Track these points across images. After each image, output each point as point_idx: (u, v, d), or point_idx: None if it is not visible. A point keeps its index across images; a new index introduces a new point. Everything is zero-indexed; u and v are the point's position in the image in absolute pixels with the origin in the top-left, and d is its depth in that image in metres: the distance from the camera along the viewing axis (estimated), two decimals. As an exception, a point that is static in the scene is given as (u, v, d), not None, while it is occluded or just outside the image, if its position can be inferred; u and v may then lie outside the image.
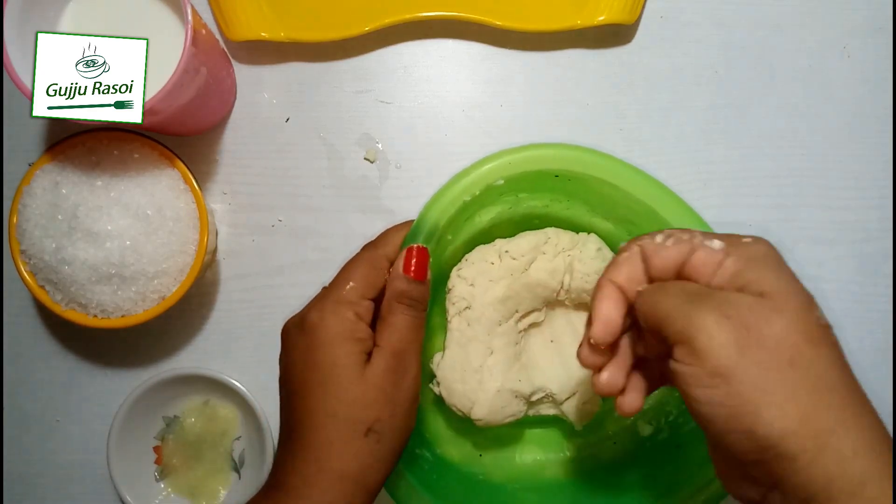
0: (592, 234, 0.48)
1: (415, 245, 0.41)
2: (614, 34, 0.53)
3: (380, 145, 0.52)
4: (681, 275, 0.33)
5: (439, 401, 0.48)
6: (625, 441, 0.50)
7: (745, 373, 0.29)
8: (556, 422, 0.51)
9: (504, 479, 0.49)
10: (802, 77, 0.53)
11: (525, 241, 0.48)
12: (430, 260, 0.42)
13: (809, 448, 0.28)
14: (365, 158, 0.52)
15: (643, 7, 0.51)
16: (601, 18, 0.49)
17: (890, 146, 0.53)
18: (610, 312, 0.34)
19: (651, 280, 0.34)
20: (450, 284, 0.47)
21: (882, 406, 0.53)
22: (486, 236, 0.49)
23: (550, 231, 0.48)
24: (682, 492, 0.45)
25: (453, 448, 0.49)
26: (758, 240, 0.33)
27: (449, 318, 0.47)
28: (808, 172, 0.53)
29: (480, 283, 0.47)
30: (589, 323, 0.35)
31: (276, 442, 0.51)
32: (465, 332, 0.47)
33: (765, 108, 0.53)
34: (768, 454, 0.29)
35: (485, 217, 0.47)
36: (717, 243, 0.32)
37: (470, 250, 0.48)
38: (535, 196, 0.47)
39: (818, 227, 0.53)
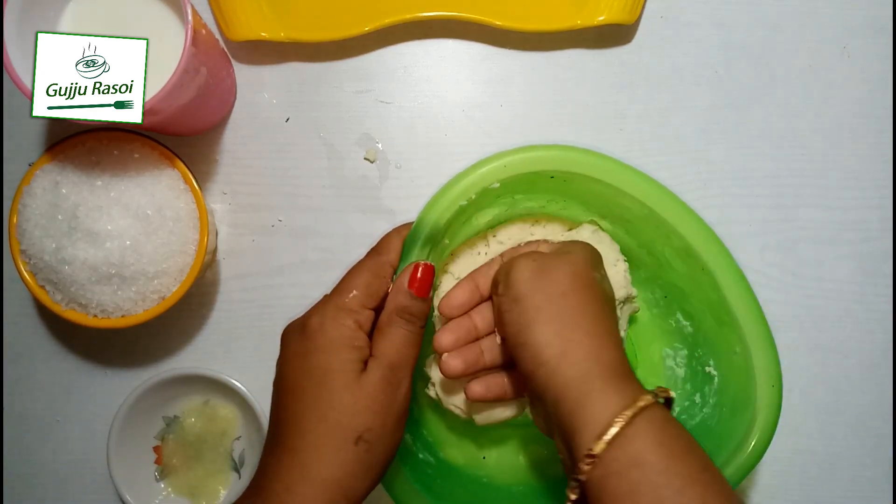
0: (589, 223, 0.48)
1: (421, 262, 0.41)
2: (614, 34, 0.53)
3: (380, 145, 0.52)
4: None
5: (438, 405, 0.48)
6: None
7: (531, 299, 0.38)
8: None
9: (510, 481, 0.49)
10: (802, 77, 0.53)
11: (515, 227, 0.48)
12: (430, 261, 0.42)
13: (556, 354, 0.36)
14: (365, 158, 0.52)
15: (643, 7, 0.51)
16: (601, 18, 0.49)
17: (890, 146, 0.53)
18: (458, 295, 0.43)
19: None
20: (437, 282, 0.47)
21: (882, 406, 0.54)
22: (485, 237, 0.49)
23: (543, 218, 0.48)
24: None
25: (456, 451, 0.49)
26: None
27: (436, 316, 0.47)
28: (808, 172, 0.53)
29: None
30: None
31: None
32: None
33: (765, 108, 0.53)
34: (535, 363, 0.37)
35: (482, 219, 0.47)
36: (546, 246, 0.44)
37: None
38: (531, 197, 0.47)
39: (818, 227, 0.53)
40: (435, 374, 0.46)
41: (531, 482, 0.49)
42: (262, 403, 0.50)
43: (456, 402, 0.46)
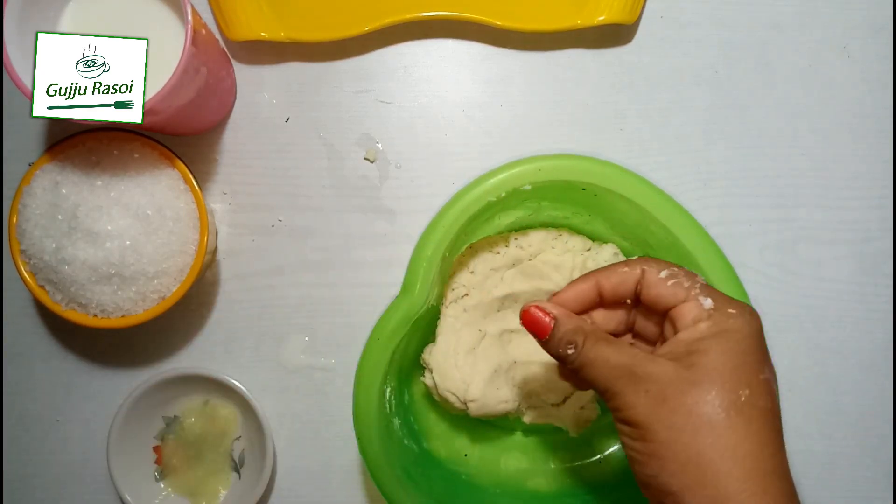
0: (611, 243, 0.48)
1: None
2: (614, 34, 0.53)
3: (380, 145, 0.52)
4: (664, 312, 0.35)
5: (431, 395, 0.48)
6: (612, 463, 0.50)
7: (656, 433, 0.32)
8: (545, 432, 0.51)
9: (487, 483, 0.49)
10: (802, 77, 0.53)
11: (536, 235, 0.47)
12: (447, 255, 0.42)
13: None
14: (365, 158, 0.52)
15: (643, 7, 0.51)
16: (601, 18, 0.49)
17: (890, 146, 0.53)
18: (579, 290, 0.37)
19: (635, 299, 0.37)
20: (451, 272, 0.47)
21: (882, 406, 0.54)
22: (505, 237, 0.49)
23: (565, 231, 0.48)
24: None
25: (440, 444, 0.50)
26: (743, 313, 0.34)
27: (445, 306, 0.47)
28: (808, 172, 0.53)
29: (482, 271, 0.47)
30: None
31: (275, 442, 0.51)
32: (459, 318, 0.47)
33: (765, 108, 0.53)
34: (669, 500, 0.32)
35: (504, 220, 0.47)
36: (708, 302, 0.34)
37: None
38: (557, 206, 0.47)
39: (818, 227, 0.53)
40: (433, 361, 0.46)
41: (510, 488, 0.49)
42: (262, 403, 0.51)
43: (452, 390, 0.46)
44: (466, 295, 0.47)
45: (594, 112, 0.53)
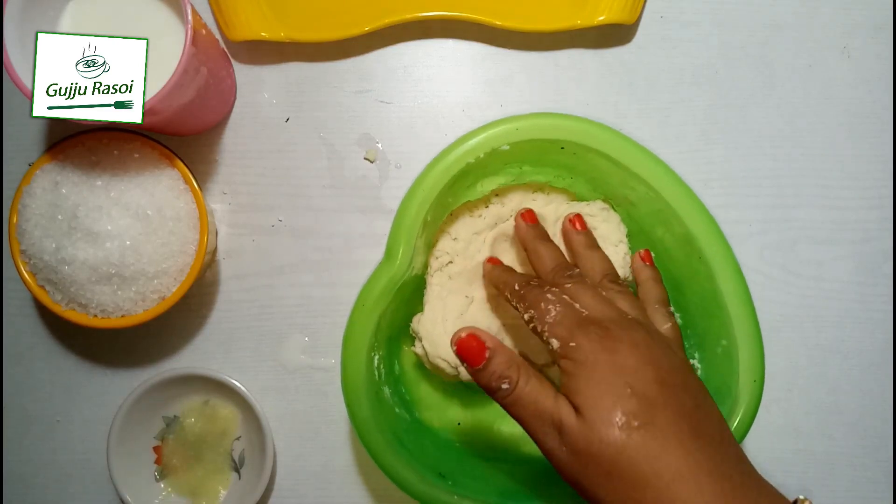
0: (599, 200, 0.48)
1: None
2: (614, 34, 0.53)
3: (380, 145, 0.52)
4: None
5: (421, 365, 0.48)
6: None
7: (579, 484, 0.34)
8: None
9: (481, 449, 0.49)
10: (802, 77, 0.53)
11: (518, 192, 0.48)
12: (429, 219, 0.43)
13: (680, 480, 0.32)
14: (365, 158, 0.52)
15: (643, 7, 0.51)
16: (601, 18, 0.49)
17: (890, 146, 0.53)
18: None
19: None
20: (434, 240, 0.47)
21: (882, 406, 0.54)
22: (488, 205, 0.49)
23: (547, 187, 0.48)
24: None
25: (432, 414, 0.50)
26: (584, 342, 0.36)
27: (430, 275, 0.47)
28: (808, 172, 0.53)
29: (464, 236, 0.47)
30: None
31: (275, 442, 0.51)
32: (445, 286, 0.47)
33: (765, 108, 0.53)
34: (641, 486, 0.32)
35: (487, 186, 0.47)
36: (554, 343, 0.36)
37: None
38: (538, 170, 0.47)
39: (818, 227, 0.53)
40: (422, 329, 0.46)
41: (504, 454, 0.50)
42: (262, 403, 0.51)
43: (443, 356, 0.46)
44: (451, 262, 0.47)
45: (594, 112, 0.52)
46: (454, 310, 0.46)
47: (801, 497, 0.34)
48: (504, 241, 0.48)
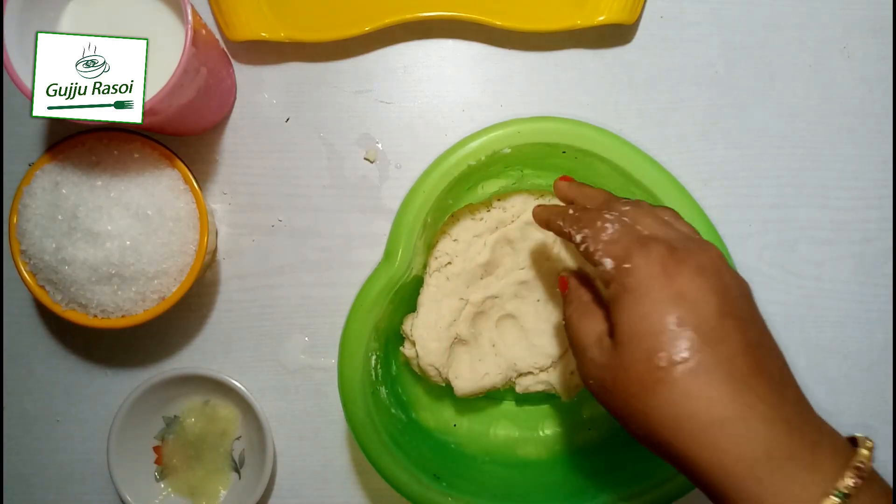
0: None
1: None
2: (614, 34, 0.53)
3: (380, 145, 0.52)
4: None
5: (412, 365, 0.48)
6: (600, 428, 0.50)
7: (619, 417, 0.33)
8: (534, 401, 0.51)
9: (476, 451, 0.49)
10: (802, 77, 0.53)
11: (519, 197, 0.47)
12: (429, 221, 0.42)
13: (730, 420, 0.30)
14: (365, 158, 0.52)
15: (643, 7, 0.51)
16: (601, 18, 0.49)
17: (890, 146, 0.53)
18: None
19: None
20: (434, 241, 0.47)
21: (883, 406, 0.54)
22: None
23: (548, 194, 0.48)
24: (650, 481, 0.45)
25: (428, 414, 0.50)
26: (640, 264, 0.32)
27: (428, 274, 0.47)
28: (808, 172, 0.53)
29: (465, 238, 0.47)
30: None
31: (275, 442, 0.51)
32: (441, 287, 0.47)
33: (765, 108, 0.53)
34: (690, 426, 0.31)
35: (488, 189, 0.47)
36: (608, 263, 0.33)
37: None
38: (539, 174, 0.47)
39: (818, 227, 0.53)
40: (415, 332, 0.46)
41: (499, 456, 0.50)
42: (262, 403, 0.50)
43: (434, 363, 0.46)
44: (450, 263, 0.47)
45: (594, 112, 0.52)
46: (447, 315, 0.46)
47: (859, 435, 0.32)
48: (505, 244, 0.48)
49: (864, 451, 0.30)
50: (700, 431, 0.29)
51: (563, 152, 0.44)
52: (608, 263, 0.33)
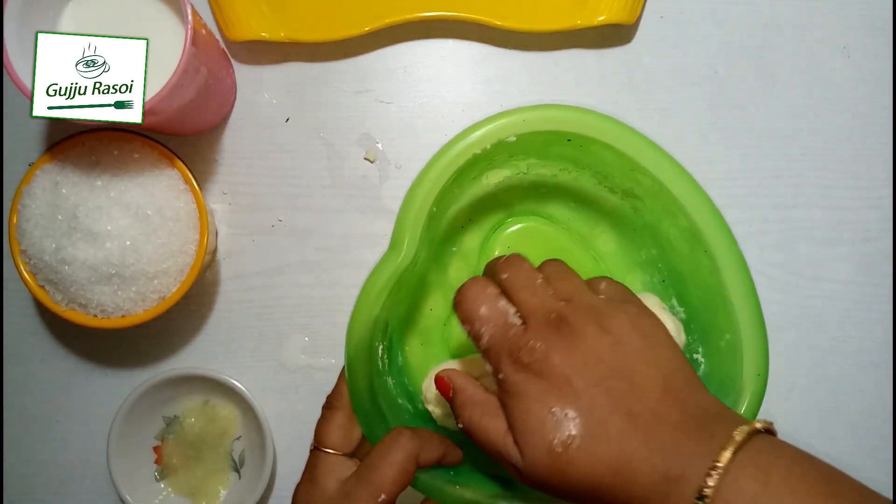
0: (652, 295, 0.46)
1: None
2: (614, 34, 0.53)
3: (380, 145, 0.52)
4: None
5: (425, 359, 0.48)
6: None
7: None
8: None
9: None
10: (802, 77, 0.53)
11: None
12: (434, 210, 0.42)
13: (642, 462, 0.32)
14: (365, 158, 0.52)
15: (643, 7, 0.51)
16: (601, 18, 0.49)
17: (890, 146, 0.53)
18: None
19: None
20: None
21: (882, 406, 0.54)
22: (493, 200, 0.48)
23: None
24: None
25: (435, 406, 0.50)
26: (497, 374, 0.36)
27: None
28: (808, 172, 0.53)
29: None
30: None
31: (275, 442, 0.51)
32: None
33: (765, 108, 0.53)
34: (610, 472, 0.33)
35: (493, 179, 0.47)
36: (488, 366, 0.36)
37: (476, 212, 0.48)
38: (544, 164, 0.47)
39: (818, 227, 0.53)
40: (435, 398, 0.46)
41: None
42: (262, 403, 0.50)
43: (429, 398, 0.46)
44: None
45: (594, 112, 0.53)
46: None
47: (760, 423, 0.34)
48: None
49: (757, 424, 0.33)
50: (607, 492, 0.32)
51: (569, 140, 0.44)
52: (490, 368, 0.36)
